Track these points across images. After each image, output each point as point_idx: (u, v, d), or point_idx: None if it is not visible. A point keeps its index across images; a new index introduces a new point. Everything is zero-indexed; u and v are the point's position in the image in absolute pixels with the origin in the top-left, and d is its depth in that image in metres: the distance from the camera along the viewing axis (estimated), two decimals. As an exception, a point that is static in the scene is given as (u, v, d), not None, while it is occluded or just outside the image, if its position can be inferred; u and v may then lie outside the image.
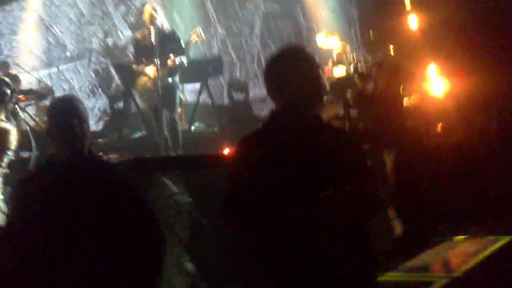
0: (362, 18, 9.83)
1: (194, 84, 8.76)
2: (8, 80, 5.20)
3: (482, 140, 5.64)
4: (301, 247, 2.57)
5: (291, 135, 2.65)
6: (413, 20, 7.51)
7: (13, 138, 4.68)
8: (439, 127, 5.94)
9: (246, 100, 8.87)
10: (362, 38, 8.24)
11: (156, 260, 2.95)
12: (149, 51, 7.00)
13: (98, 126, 8.96)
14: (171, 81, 7.06)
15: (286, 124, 2.69)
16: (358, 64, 7.81)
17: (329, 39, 8.81)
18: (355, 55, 8.36)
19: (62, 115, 2.96)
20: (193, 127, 8.26)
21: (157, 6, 7.59)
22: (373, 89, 6.14)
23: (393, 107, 5.75)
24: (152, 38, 6.99)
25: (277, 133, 2.68)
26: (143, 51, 7.11)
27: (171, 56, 6.95)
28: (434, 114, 6.04)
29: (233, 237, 2.82)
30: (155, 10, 7.16)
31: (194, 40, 7.30)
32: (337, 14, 10.28)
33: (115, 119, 8.46)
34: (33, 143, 5.93)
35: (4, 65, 9.04)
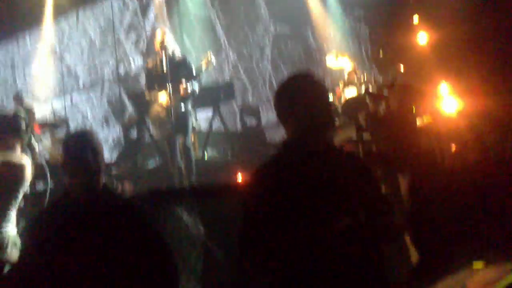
0: (372, 37, 9.82)
1: (207, 111, 8.77)
2: (23, 113, 5.23)
3: (498, 160, 5.55)
4: (318, 279, 2.56)
5: (304, 164, 2.66)
6: (423, 37, 7.47)
7: (28, 173, 4.68)
8: (453, 148, 5.87)
9: (259, 125, 8.86)
10: (372, 58, 8.22)
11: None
12: (161, 78, 7.01)
13: (113, 156, 8.98)
14: (184, 108, 7.06)
15: (298, 153, 2.69)
16: (369, 85, 7.79)
17: (340, 60, 8.80)
18: (366, 75, 8.35)
19: (77, 150, 3.00)
20: (206, 155, 8.25)
21: (168, 32, 7.61)
22: (385, 110, 6.10)
23: (406, 128, 5.70)
24: (164, 65, 7.01)
25: (290, 163, 2.68)
26: (155, 79, 7.12)
27: (183, 83, 6.96)
28: (447, 134, 5.97)
29: (249, 270, 2.80)
30: (166, 36, 7.18)
31: (206, 66, 7.29)
32: (347, 34, 10.29)
33: (129, 148, 8.49)
34: (48, 176, 5.95)
35: (18, 97, 9.09)
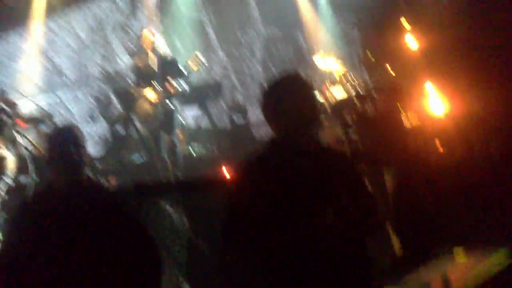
0: (361, 39, 9.87)
1: (195, 109, 8.77)
2: (6, 107, 5.20)
3: (482, 160, 5.61)
4: (300, 270, 2.59)
5: (289, 161, 2.69)
6: (411, 40, 7.51)
7: (9, 165, 4.67)
8: (439, 147, 5.91)
9: (247, 123, 8.86)
10: (361, 59, 8.26)
11: (154, 282, 2.95)
12: (149, 76, 7.04)
13: (98, 151, 8.93)
14: (171, 106, 7.07)
15: (284, 150, 2.72)
16: (357, 86, 7.81)
17: (327, 60, 8.81)
18: (354, 76, 8.36)
19: (59, 144, 3.02)
20: (193, 151, 8.24)
21: (156, 31, 7.63)
22: (373, 111, 6.14)
23: (393, 128, 5.75)
24: (152, 64, 7.04)
25: (276, 159, 2.72)
26: (143, 77, 7.16)
27: (171, 81, 6.97)
28: (434, 134, 6.02)
29: (231, 260, 2.80)
30: (154, 35, 7.20)
31: (194, 65, 7.27)
32: (337, 36, 10.32)
33: (115, 144, 8.46)
34: (31, 169, 5.91)
35: (1, 92, 9.00)
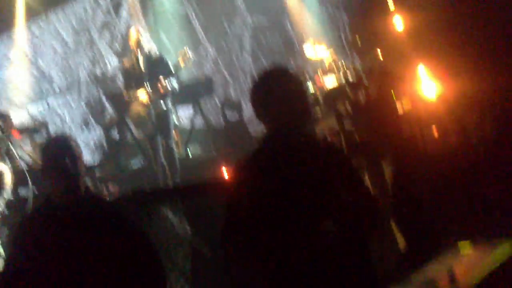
0: (349, 24, 9.80)
1: (188, 108, 8.71)
2: None
3: (478, 141, 5.59)
4: (301, 267, 2.57)
5: (284, 157, 2.66)
6: (398, 21, 7.43)
7: (7, 179, 4.64)
8: (434, 132, 5.89)
9: (241, 119, 8.83)
10: (350, 44, 8.21)
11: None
12: (139, 77, 6.96)
13: (95, 158, 8.89)
14: (164, 106, 7.00)
15: (278, 147, 2.70)
16: (348, 72, 7.77)
17: (316, 48, 8.77)
18: (345, 63, 8.32)
19: (54, 156, 2.99)
20: (190, 152, 8.21)
21: (142, 30, 7.51)
22: (365, 98, 6.11)
23: (387, 114, 5.72)
24: (141, 64, 6.96)
25: (270, 157, 2.69)
26: (133, 78, 7.07)
27: (161, 80, 6.89)
28: (428, 118, 6.00)
29: (231, 263, 2.80)
30: (140, 34, 7.11)
31: (183, 62, 7.22)
32: (325, 22, 10.24)
33: (111, 149, 8.43)
34: (30, 182, 5.88)
35: None
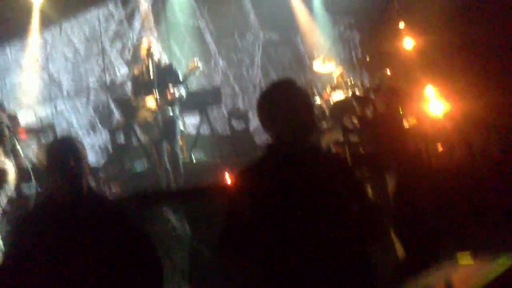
0: (360, 42, 9.88)
1: (195, 115, 8.77)
2: (6, 118, 5.17)
3: (483, 160, 5.60)
4: (302, 277, 2.56)
5: (287, 167, 2.68)
6: (409, 42, 7.53)
7: (11, 177, 4.65)
8: (439, 149, 5.90)
9: (247, 129, 8.86)
10: (360, 62, 8.28)
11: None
12: (148, 85, 7.02)
13: (100, 161, 8.92)
14: (171, 113, 7.06)
15: (282, 156, 2.71)
16: (356, 88, 7.83)
17: (326, 64, 8.85)
18: (353, 79, 8.38)
19: (59, 155, 3.01)
20: (194, 158, 8.24)
21: (154, 40, 7.63)
22: (372, 113, 6.13)
23: (393, 130, 5.73)
24: (150, 72, 7.03)
25: (274, 166, 2.71)
26: (142, 85, 7.13)
27: (170, 89, 6.97)
28: (434, 136, 6.02)
29: (228, 267, 2.81)
30: (151, 44, 7.20)
31: (192, 70, 7.30)
32: (335, 40, 10.33)
33: (117, 153, 8.46)
34: (33, 180, 5.91)
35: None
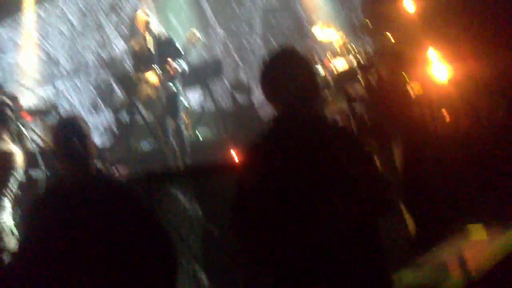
0: (360, 6, 9.74)
1: (198, 91, 8.70)
2: (8, 100, 5.09)
3: (490, 125, 5.57)
4: (312, 250, 2.57)
5: (294, 138, 2.67)
6: (410, 4, 7.40)
7: (19, 160, 4.58)
8: (445, 115, 5.87)
9: (250, 101, 8.81)
10: (361, 27, 8.15)
11: (169, 272, 2.99)
12: (148, 59, 6.91)
13: (105, 140, 8.90)
14: (174, 88, 6.97)
15: (288, 127, 2.70)
16: (358, 55, 7.72)
17: (326, 31, 8.72)
18: (355, 46, 8.27)
19: (64, 136, 3.02)
20: (199, 134, 8.22)
21: (149, 11, 7.46)
22: (376, 80, 6.08)
23: (399, 96, 5.67)
24: (149, 45, 6.91)
25: (280, 137, 2.70)
26: (141, 59, 7.03)
27: (171, 62, 6.85)
28: (439, 101, 5.97)
29: (241, 243, 2.83)
30: (148, 16, 7.05)
31: (191, 42, 7.17)
32: (336, 4, 10.18)
33: (121, 131, 8.44)
34: (41, 163, 5.90)
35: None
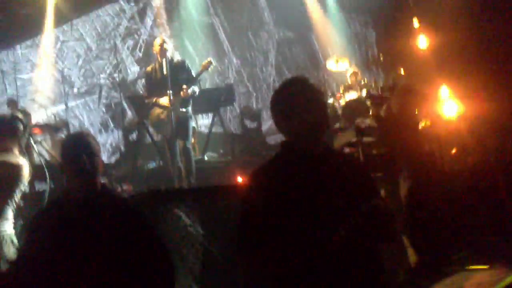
0: (373, 41, 9.82)
1: (208, 115, 8.76)
2: (21, 115, 5.20)
3: (498, 163, 5.53)
4: (315, 278, 2.55)
5: (302, 166, 2.67)
6: (423, 41, 7.45)
7: (26, 172, 4.66)
8: (454, 151, 5.84)
9: (259, 129, 8.85)
10: (374, 61, 8.23)
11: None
12: (161, 83, 7.01)
13: (112, 159, 8.94)
14: (184, 111, 7.06)
15: (296, 155, 2.70)
16: (370, 88, 7.76)
17: (340, 64, 8.80)
18: (367, 79, 8.34)
19: (73, 151, 3.02)
20: (206, 157, 8.24)
21: (167, 38, 7.65)
22: (386, 112, 6.07)
23: (408, 131, 5.63)
24: (164, 70, 7.03)
25: (288, 164, 2.70)
26: (155, 83, 7.14)
27: (184, 87, 6.96)
28: (448, 138, 5.96)
29: (245, 268, 2.80)
30: (166, 43, 7.21)
31: (206, 67, 7.25)
32: (349, 39, 10.27)
33: (129, 150, 8.48)
34: (48, 177, 5.93)
35: (12, 102, 8.98)
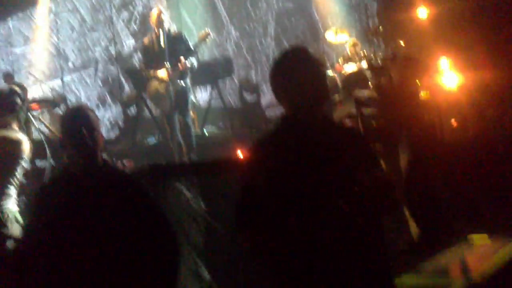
0: (373, 12, 9.74)
1: (207, 88, 8.71)
2: (18, 90, 5.13)
3: (497, 133, 5.55)
4: (315, 251, 2.56)
5: (302, 138, 2.65)
6: (423, 12, 7.40)
7: (26, 148, 4.60)
8: (453, 122, 5.85)
9: (258, 101, 8.82)
10: (373, 32, 8.16)
11: (172, 267, 2.98)
12: (159, 55, 6.93)
13: (111, 134, 8.92)
14: (183, 85, 6.99)
15: (296, 127, 2.69)
16: (370, 59, 7.72)
17: (339, 35, 8.76)
18: (366, 51, 8.29)
19: (72, 126, 3.00)
20: (206, 131, 8.22)
21: (163, 9, 7.53)
22: (387, 84, 6.04)
23: (409, 101, 5.60)
24: (161, 42, 6.94)
25: (288, 137, 2.68)
26: (152, 56, 7.05)
27: (181, 59, 6.88)
28: (448, 109, 5.96)
29: (245, 242, 2.82)
30: (162, 13, 7.11)
31: (203, 39, 7.19)
32: (350, 10, 10.17)
33: (128, 126, 8.45)
34: (48, 152, 5.92)
35: (8, 76, 8.86)
